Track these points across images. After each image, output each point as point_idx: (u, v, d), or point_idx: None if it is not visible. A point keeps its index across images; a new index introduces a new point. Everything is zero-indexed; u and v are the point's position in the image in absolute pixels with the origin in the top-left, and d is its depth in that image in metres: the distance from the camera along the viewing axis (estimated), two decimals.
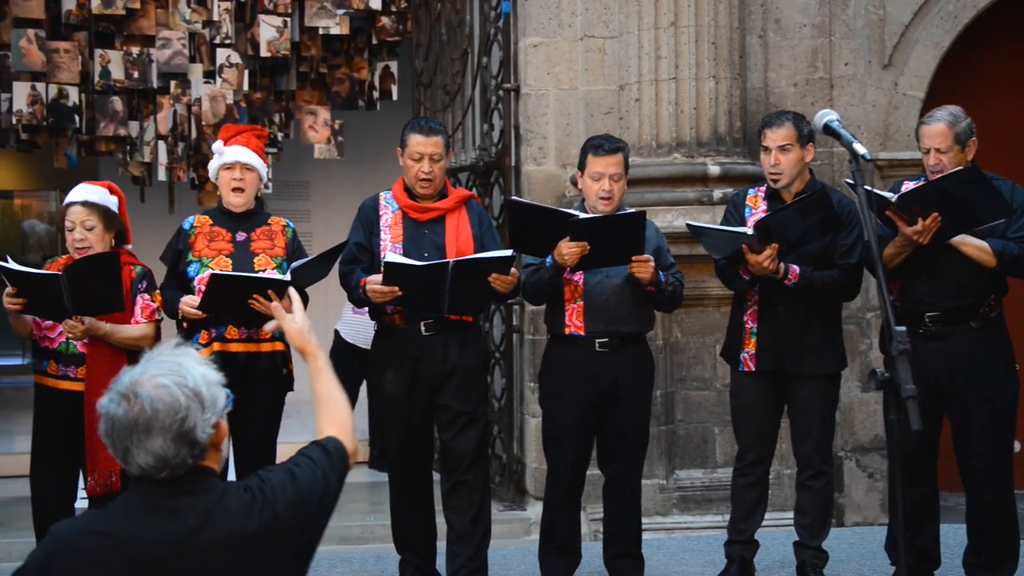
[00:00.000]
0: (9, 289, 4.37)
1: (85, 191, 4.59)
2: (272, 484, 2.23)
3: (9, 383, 11.03)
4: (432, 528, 4.92)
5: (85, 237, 4.49)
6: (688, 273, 5.90)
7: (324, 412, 2.47)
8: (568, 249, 4.49)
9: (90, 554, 2.10)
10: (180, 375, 2.16)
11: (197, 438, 2.15)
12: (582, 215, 4.56)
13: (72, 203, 4.54)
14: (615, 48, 6.13)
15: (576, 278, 4.70)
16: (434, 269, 4.48)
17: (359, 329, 7.14)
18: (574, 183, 6.03)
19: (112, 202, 4.63)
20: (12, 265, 4.37)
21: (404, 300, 4.57)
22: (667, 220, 5.69)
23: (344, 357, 7.33)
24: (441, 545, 4.88)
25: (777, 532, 5.40)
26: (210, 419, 2.17)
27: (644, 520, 5.01)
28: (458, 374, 4.73)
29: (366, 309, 4.88)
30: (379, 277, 4.53)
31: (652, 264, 4.59)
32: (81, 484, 4.65)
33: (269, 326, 2.89)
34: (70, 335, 4.44)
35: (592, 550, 5.07)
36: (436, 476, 4.97)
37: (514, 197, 5.67)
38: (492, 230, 4.94)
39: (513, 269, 4.63)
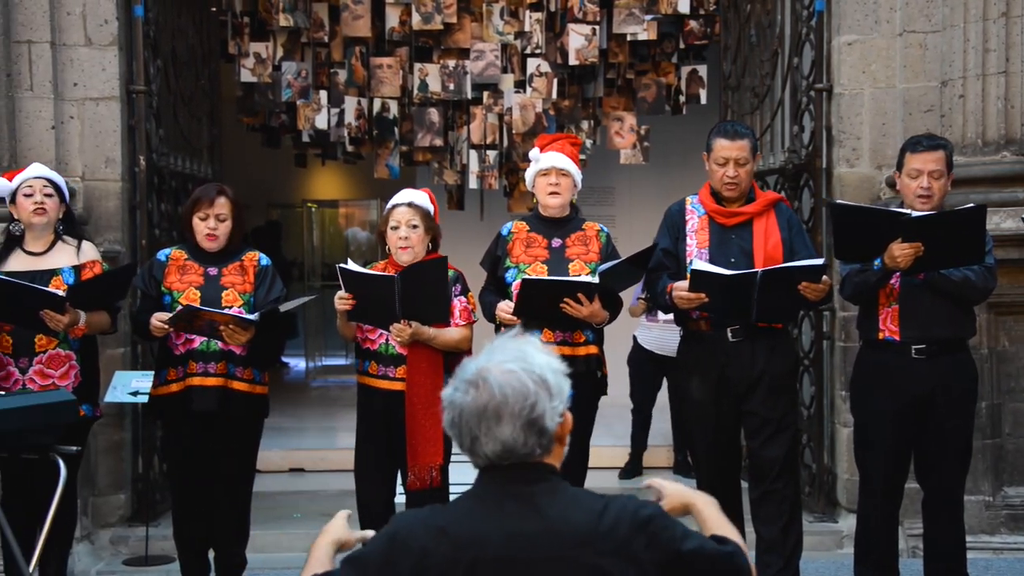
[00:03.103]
0: (342, 292, 4.64)
1: (410, 194, 4.82)
2: (670, 525, 2.12)
3: (334, 382, 11.70)
4: (741, 536, 4.83)
5: (408, 236, 4.70)
6: (1019, 279, 5.56)
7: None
8: (901, 251, 4.31)
9: (430, 549, 2.05)
10: (526, 361, 2.09)
11: (546, 426, 2.07)
12: (915, 213, 4.36)
13: (398, 204, 4.77)
14: (937, 43, 5.85)
15: (892, 280, 4.51)
16: (742, 278, 4.41)
17: (655, 335, 7.17)
18: (890, 185, 5.80)
19: (431, 208, 4.84)
20: (352, 266, 4.63)
21: (711, 307, 4.52)
22: (994, 222, 5.36)
23: (642, 363, 7.38)
24: (752, 555, 4.79)
25: None
26: (557, 407, 2.09)
27: (969, 538, 4.74)
28: (766, 380, 4.64)
29: (659, 314, 4.86)
30: (686, 283, 4.51)
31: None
32: (399, 480, 4.85)
33: None
34: (397, 339, 4.61)
35: (912, 567, 4.85)
36: (744, 484, 4.90)
37: (838, 200, 5.47)
38: (802, 234, 4.80)
39: (824, 277, 4.49)
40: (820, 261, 4.47)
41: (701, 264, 4.49)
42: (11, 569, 4.66)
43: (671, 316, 7.11)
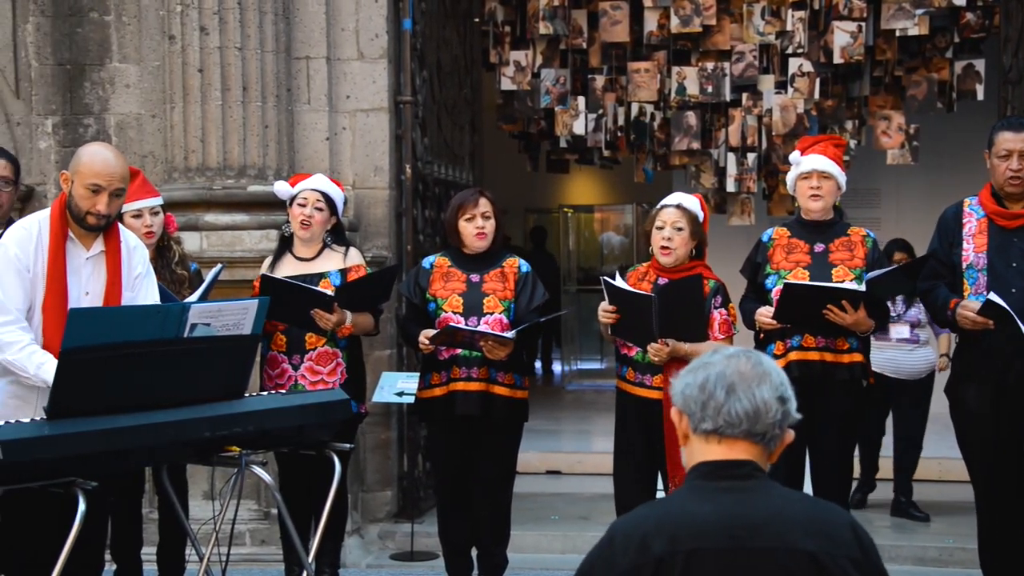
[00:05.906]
0: (606, 304, 4.65)
1: (680, 196, 4.78)
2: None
3: (589, 386, 11.80)
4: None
5: (672, 237, 4.63)
6: None
7: None
8: None
9: (647, 545, 2.07)
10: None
11: (790, 411, 2.15)
12: None
13: (667, 205, 4.73)
14: None
15: None
16: None
17: (888, 356, 6.53)
18: None
19: (700, 214, 4.75)
20: (615, 281, 4.63)
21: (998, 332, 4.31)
22: None
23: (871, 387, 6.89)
24: None
25: None
26: (794, 405, 2.17)
27: None
28: None
29: (891, 332, 4.66)
30: (974, 304, 4.32)
31: None
32: (659, 486, 4.81)
33: None
34: (655, 359, 4.56)
35: None
36: None
37: None
38: None
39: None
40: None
41: (995, 297, 4.30)
42: (291, 559, 4.93)
43: (906, 334, 6.79)
